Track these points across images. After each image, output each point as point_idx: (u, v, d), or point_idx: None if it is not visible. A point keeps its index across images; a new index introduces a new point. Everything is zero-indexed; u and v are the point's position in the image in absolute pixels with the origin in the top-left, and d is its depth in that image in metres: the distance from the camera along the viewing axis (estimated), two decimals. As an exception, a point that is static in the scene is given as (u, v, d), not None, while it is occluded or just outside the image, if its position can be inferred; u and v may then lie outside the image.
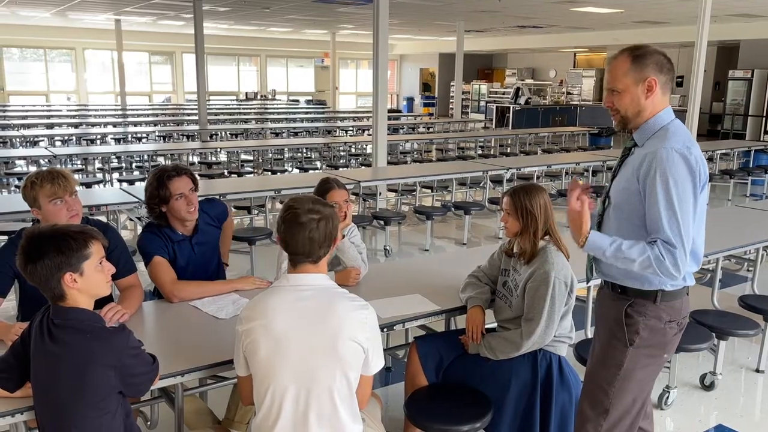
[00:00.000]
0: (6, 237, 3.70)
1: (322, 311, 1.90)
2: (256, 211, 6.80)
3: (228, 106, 21.14)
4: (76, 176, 9.67)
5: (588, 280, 2.30)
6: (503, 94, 22.71)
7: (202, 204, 3.08)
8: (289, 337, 1.88)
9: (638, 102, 2.08)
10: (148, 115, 16.66)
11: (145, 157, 9.37)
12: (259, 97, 24.66)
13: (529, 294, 2.50)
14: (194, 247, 3.00)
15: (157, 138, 12.10)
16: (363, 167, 9.71)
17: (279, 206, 6.21)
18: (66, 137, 11.70)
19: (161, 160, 10.08)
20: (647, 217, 2.02)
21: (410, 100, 26.82)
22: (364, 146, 11.58)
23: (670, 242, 1.96)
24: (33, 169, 8.85)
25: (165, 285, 2.80)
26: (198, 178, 3.06)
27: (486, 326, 2.65)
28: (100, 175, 9.53)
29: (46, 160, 8.51)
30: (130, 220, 6.56)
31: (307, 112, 19.51)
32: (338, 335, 1.87)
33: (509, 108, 20.03)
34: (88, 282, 1.85)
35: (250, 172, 9.36)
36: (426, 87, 27.11)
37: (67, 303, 1.84)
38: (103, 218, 6.30)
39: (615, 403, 2.16)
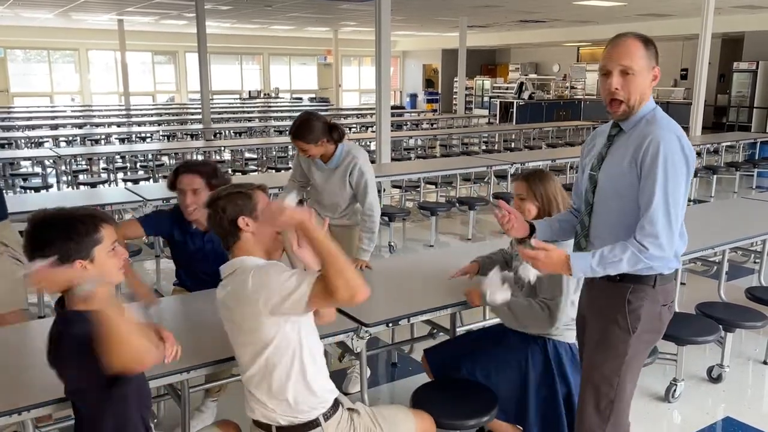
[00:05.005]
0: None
1: (234, 294, 1.95)
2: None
3: (231, 105, 21.16)
4: (81, 176, 9.54)
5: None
6: (507, 89, 22.63)
7: None
8: (227, 325, 2.03)
9: (645, 89, 2.04)
10: (152, 115, 16.66)
11: (150, 156, 9.36)
12: (262, 95, 24.66)
13: (547, 276, 2.47)
14: (206, 243, 3.07)
15: (161, 137, 12.11)
16: (367, 164, 9.68)
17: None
18: (70, 138, 11.73)
19: (165, 159, 10.09)
20: (641, 195, 2.00)
21: (413, 96, 26.77)
22: (368, 143, 11.57)
23: (654, 223, 1.95)
24: (38, 170, 8.90)
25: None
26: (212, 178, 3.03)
27: (488, 324, 2.65)
28: (104, 175, 9.54)
29: (51, 161, 8.53)
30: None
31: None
32: (241, 313, 1.94)
33: (513, 103, 19.98)
34: (99, 268, 1.74)
35: (254, 170, 9.36)
36: (429, 83, 27.05)
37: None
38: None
39: (619, 393, 2.15)
